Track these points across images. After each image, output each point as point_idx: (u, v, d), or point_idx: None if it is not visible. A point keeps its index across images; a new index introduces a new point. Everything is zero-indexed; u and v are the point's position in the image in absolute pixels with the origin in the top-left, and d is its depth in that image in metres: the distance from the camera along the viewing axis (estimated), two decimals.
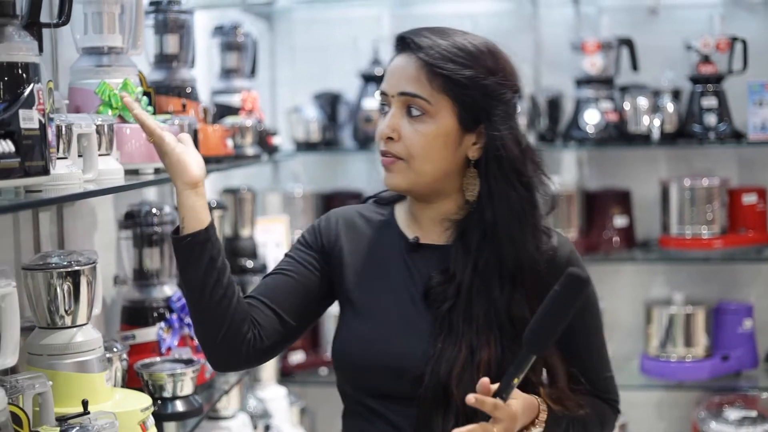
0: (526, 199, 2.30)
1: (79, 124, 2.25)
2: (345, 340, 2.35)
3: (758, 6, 5.07)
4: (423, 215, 2.37)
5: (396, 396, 2.26)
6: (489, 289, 2.27)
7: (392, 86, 2.29)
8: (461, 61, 2.26)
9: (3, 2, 1.93)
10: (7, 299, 1.99)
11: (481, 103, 2.27)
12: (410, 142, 2.25)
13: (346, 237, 2.39)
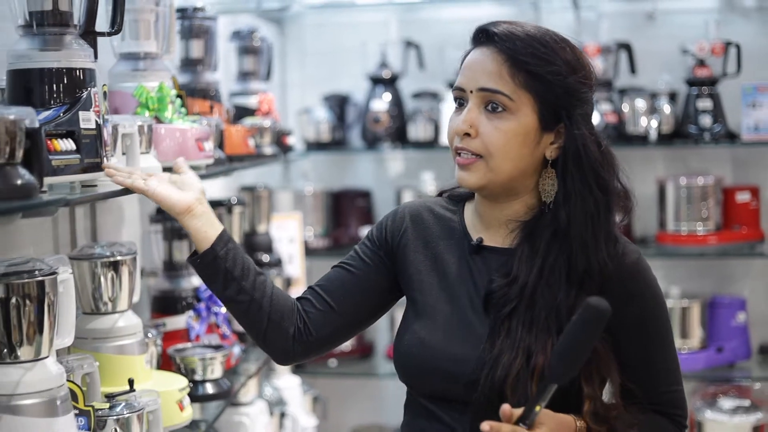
0: (602, 203, 2.21)
1: (123, 124, 2.41)
2: (404, 341, 2.30)
3: (752, 12, 5.18)
4: (490, 215, 2.30)
5: (451, 399, 2.22)
6: (553, 294, 2.19)
7: (471, 81, 2.21)
8: (545, 57, 2.18)
9: (63, 13, 2.12)
10: (66, 284, 2.16)
11: (563, 100, 2.19)
12: (489, 139, 2.18)
13: (413, 233, 2.35)
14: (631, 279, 2.23)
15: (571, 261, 2.19)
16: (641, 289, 2.25)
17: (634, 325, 2.21)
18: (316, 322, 2.33)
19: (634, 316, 2.22)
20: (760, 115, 4.81)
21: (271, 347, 2.35)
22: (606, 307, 1.96)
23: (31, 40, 2.11)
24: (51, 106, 2.06)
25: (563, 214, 2.19)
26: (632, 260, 2.24)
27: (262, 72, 4.20)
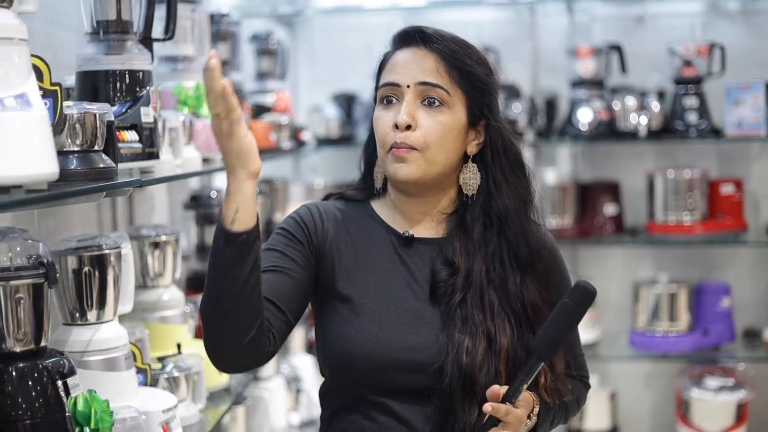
0: (529, 189, 2.30)
1: (170, 119, 2.70)
2: (351, 337, 2.19)
3: (735, 15, 5.35)
4: (413, 210, 2.30)
5: (408, 391, 2.17)
6: (501, 278, 2.23)
7: (409, 77, 2.21)
8: (472, 57, 2.24)
9: (125, 22, 2.42)
10: (127, 258, 2.47)
11: (486, 98, 2.26)
12: (428, 132, 2.19)
13: (334, 232, 2.28)
14: (553, 258, 2.33)
15: (514, 247, 2.24)
16: (560, 267, 2.37)
17: (558, 299, 2.20)
18: (277, 330, 2.15)
19: (558, 290, 2.26)
20: (743, 112, 4.92)
21: (245, 352, 2.08)
22: (593, 289, 2.09)
23: (97, 46, 2.41)
24: (115, 102, 2.35)
25: (497, 204, 2.25)
26: (550, 240, 2.35)
27: (278, 72, 4.46)
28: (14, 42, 1.73)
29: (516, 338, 2.19)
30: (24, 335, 1.84)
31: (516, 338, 2.19)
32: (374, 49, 5.23)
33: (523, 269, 2.25)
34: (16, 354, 1.84)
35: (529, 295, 2.23)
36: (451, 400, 2.14)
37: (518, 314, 2.22)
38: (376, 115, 2.27)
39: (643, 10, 5.39)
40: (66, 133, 1.96)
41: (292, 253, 2.22)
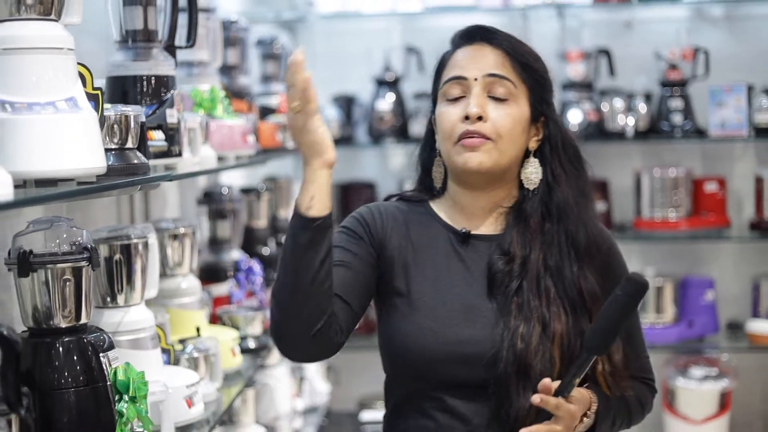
0: (588, 183, 2.34)
1: (189, 120, 2.90)
2: (408, 333, 2.25)
3: (719, 21, 5.50)
4: (474, 205, 2.33)
5: (464, 384, 2.21)
6: (558, 266, 2.24)
7: (477, 70, 2.26)
8: (533, 54, 2.31)
9: (151, 31, 2.63)
10: (153, 248, 2.68)
11: (546, 94, 2.32)
12: (499, 122, 2.23)
13: (393, 230, 2.32)
14: (612, 253, 2.34)
15: (573, 239, 2.26)
16: (619, 261, 2.37)
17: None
18: (343, 322, 2.21)
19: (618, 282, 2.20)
20: (726, 113, 5.10)
21: (314, 342, 2.15)
22: (645, 281, 2.08)
23: (125, 53, 2.63)
24: (142, 105, 2.56)
25: (557, 196, 2.27)
26: (609, 235, 2.37)
27: (282, 75, 4.64)
28: (63, 51, 1.96)
29: (571, 325, 2.21)
30: (69, 313, 2.05)
31: (571, 325, 2.21)
32: (373, 53, 5.53)
33: (581, 259, 2.26)
34: (62, 329, 2.05)
35: (586, 284, 2.24)
36: (507, 386, 2.17)
37: (574, 302, 2.23)
38: (441, 110, 2.30)
39: (631, 16, 5.53)
40: (105, 132, 2.17)
41: (354, 249, 2.28)
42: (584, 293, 2.23)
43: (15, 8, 1.92)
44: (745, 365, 5.37)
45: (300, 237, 2.10)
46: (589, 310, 2.23)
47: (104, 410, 2.05)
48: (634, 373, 2.33)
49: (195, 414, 2.60)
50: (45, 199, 1.82)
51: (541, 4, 5.38)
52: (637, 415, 2.39)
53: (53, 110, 1.87)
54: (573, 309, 2.23)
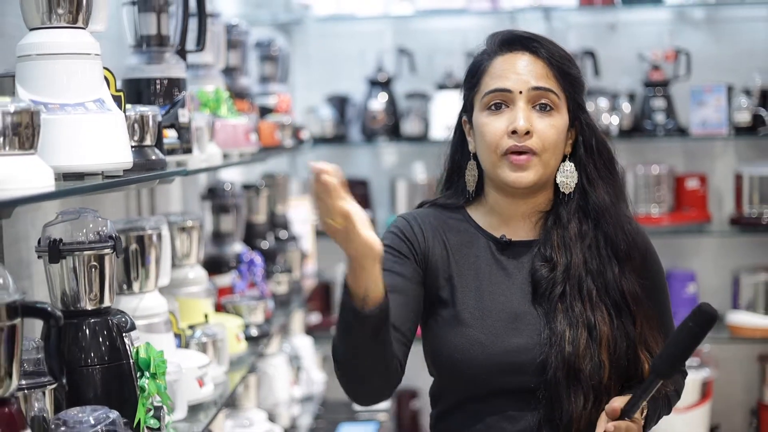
0: (622, 185, 2.36)
1: (196, 119, 3.08)
2: (455, 344, 2.26)
3: (700, 23, 5.67)
4: (513, 211, 2.34)
5: (514, 390, 2.23)
6: (600, 269, 2.25)
7: (521, 83, 2.25)
8: (570, 61, 2.30)
9: (163, 36, 2.81)
10: (165, 239, 2.86)
11: (581, 99, 2.32)
12: (545, 135, 2.24)
13: (434, 240, 2.33)
14: (650, 253, 2.36)
15: (612, 241, 2.27)
16: (657, 262, 2.40)
17: (654, 294, 2.31)
18: (402, 354, 2.24)
19: (653, 287, 2.32)
20: (707, 112, 5.27)
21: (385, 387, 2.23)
22: (716, 313, 2.04)
23: (140, 56, 2.81)
24: (156, 105, 2.74)
25: (593, 199, 2.28)
26: (645, 234, 2.39)
27: (279, 76, 4.81)
28: (91, 57, 2.14)
29: (616, 327, 2.22)
30: (95, 296, 2.23)
31: (616, 327, 2.22)
32: (366, 54, 5.71)
33: (621, 260, 2.27)
34: (88, 312, 2.23)
35: (628, 285, 2.25)
36: (557, 390, 2.19)
37: (617, 304, 2.24)
38: (484, 121, 2.29)
39: (615, 19, 5.68)
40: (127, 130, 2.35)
41: (402, 271, 2.27)
42: (626, 295, 2.25)
43: (47, 17, 2.11)
44: (725, 356, 5.53)
45: (358, 330, 2.08)
46: (632, 311, 2.25)
47: (127, 386, 2.23)
48: None
49: (205, 393, 2.79)
50: (83, 190, 1.99)
51: (528, 7, 5.53)
52: (674, 401, 2.43)
53: (83, 110, 2.06)
54: (617, 311, 2.24)
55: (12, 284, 1.70)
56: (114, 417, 1.98)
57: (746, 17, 5.64)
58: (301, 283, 4.74)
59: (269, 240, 4.39)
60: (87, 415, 1.96)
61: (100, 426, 1.94)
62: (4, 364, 1.68)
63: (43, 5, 2.11)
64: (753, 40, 5.60)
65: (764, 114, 5.28)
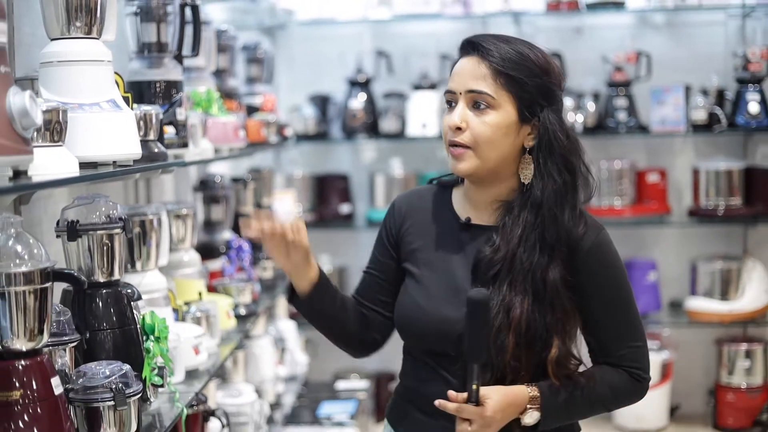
0: (569, 183, 2.41)
1: (191, 117, 3.40)
2: (404, 305, 2.55)
3: (661, 27, 5.94)
4: (478, 198, 2.52)
5: (442, 353, 2.46)
6: (530, 258, 2.40)
7: (460, 85, 2.44)
8: (521, 62, 2.40)
9: (162, 43, 3.14)
10: (164, 224, 3.17)
11: (536, 98, 2.41)
12: (477, 132, 2.40)
13: (409, 220, 2.60)
14: (595, 251, 2.43)
15: (543, 232, 2.40)
16: (603, 260, 2.46)
17: (598, 291, 2.42)
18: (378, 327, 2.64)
19: (598, 284, 2.44)
20: (666, 111, 5.57)
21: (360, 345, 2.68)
22: (479, 296, 2.30)
23: (141, 61, 3.14)
24: (156, 104, 3.07)
25: (537, 192, 2.41)
26: (593, 236, 2.44)
27: (264, 77, 5.09)
28: (104, 63, 2.48)
29: (531, 311, 2.37)
30: (106, 270, 2.56)
31: (531, 311, 2.37)
32: (346, 56, 6.00)
33: (551, 252, 2.40)
34: (100, 283, 2.56)
35: (552, 276, 2.39)
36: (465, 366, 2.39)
37: (538, 291, 2.39)
38: (444, 117, 2.52)
39: (581, 23, 5.94)
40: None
41: (383, 255, 2.64)
42: (547, 285, 2.38)
43: (66, 29, 2.45)
44: (684, 339, 5.83)
45: (302, 310, 2.62)
46: (551, 301, 2.39)
47: (135, 347, 2.56)
48: (614, 362, 2.48)
49: (200, 360, 3.12)
50: (100, 176, 2.33)
51: (498, 12, 5.78)
52: (612, 401, 2.53)
53: (99, 109, 2.40)
54: (537, 298, 2.39)
55: (44, 254, 2.05)
56: (126, 370, 2.32)
57: (703, 22, 5.87)
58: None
59: None
60: (103, 367, 2.30)
61: (114, 376, 2.28)
62: (37, 320, 2.02)
63: (63, 18, 2.44)
64: (710, 43, 5.86)
65: (720, 113, 5.54)
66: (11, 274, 1.98)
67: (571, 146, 2.45)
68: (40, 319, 2.04)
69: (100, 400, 2.26)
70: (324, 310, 2.58)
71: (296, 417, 5.10)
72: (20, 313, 2.00)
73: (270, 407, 4.59)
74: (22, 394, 1.99)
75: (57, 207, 2.79)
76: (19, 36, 2.75)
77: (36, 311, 2.02)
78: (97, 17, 2.48)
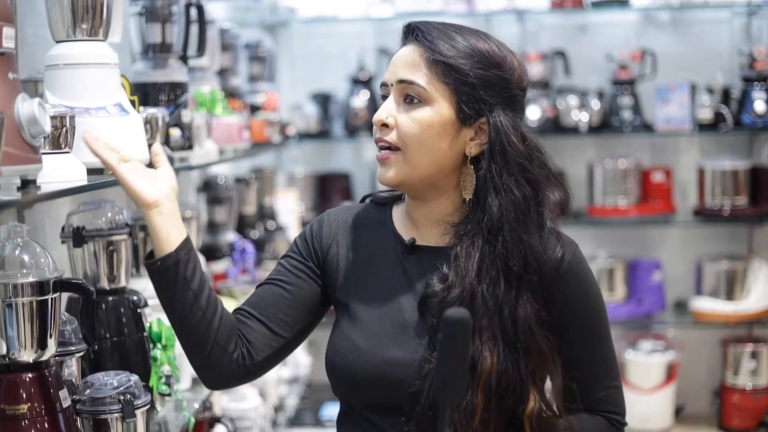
0: (531, 197, 2.05)
1: (196, 118, 3.36)
2: (338, 347, 2.13)
3: (666, 25, 5.86)
4: (419, 215, 2.16)
5: (391, 407, 2.05)
6: (494, 295, 2.02)
7: (392, 74, 2.11)
8: (464, 50, 2.05)
9: (167, 44, 3.08)
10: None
11: (482, 93, 2.05)
12: (405, 129, 2.05)
13: (341, 240, 2.20)
14: (568, 276, 2.09)
15: (507, 260, 2.03)
16: (579, 285, 2.12)
17: (576, 321, 2.09)
18: (256, 345, 2.13)
19: (575, 312, 2.10)
20: (671, 109, 5.48)
21: (210, 369, 2.11)
22: (457, 317, 1.77)
23: (146, 62, 3.08)
24: (161, 106, 3.02)
25: (495, 211, 2.04)
26: (569, 257, 2.10)
27: (266, 75, 5.06)
28: (110, 66, 2.43)
29: (502, 361, 2.01)
30: (113, 276, 2.52)
31: (502, 361, 2.01)
32: (348, 54, 5.95)
33: (518, 285, 2.04)
34: (107, 290, 2.52)
35: (522, 313, 2.03)
36: (423, 420, 2.02)
37: (508, 334, 2.03)
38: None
39: (585, 20, 5.86)
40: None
41: (292, 265, 2.19)
42: (518, 324, 2.03)
43: (71, 31, 2.40)
44: (689, 339, 5.76)
45: (152, 280, 2.08)
46: (523, 343, 2.03)
47: (142, 356, 2.52)
48: (591, 406, 2.16)
49: None
50: (110, 183, 2.26)
51: (502, 10, 5.72)
52: None
53: (105, 114, 2.35)
54: (507, 343, 2.03)
55: (52, 263, 2.00)
56: (134, 380, 2.28)
57: (709, 19, 5.81)
58: None
59: (258, 230, 4.64)
60: (111, 378, 2.26)
61: (122, 387, 2.23)
62: (45, 331, 1.98)
63: (68, 20, 2.39)
64: (715, 41, 5.79)
65: (725, 111, 5.47)
66: (18, 284, 1.94)
67: (529, 153, 2.07)
68: (48, 330, 2.00)
69: (108, 412, 2.22)
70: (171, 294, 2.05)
71: (299, 419, 5.06)
72: (27, 323, 1.96)
73: (273, 410, 4.54)
74: (30, 407, 1.95)
75: (60, 211, 2.75)
76: (22, 36, 2.70)
77: (43, 322, 1.97)
78: (103, 19, 2.43)
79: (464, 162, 2.10)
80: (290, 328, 2.16)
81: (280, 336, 2.15)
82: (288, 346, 2.20)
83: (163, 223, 2.03)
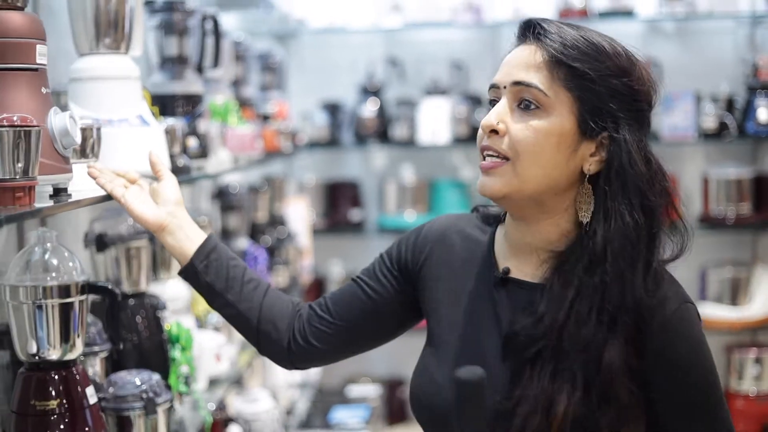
0: (644, 228, 1.83)
1: (211, 128, 3.46)
2: (416, 375, 2.02)
3: (671, 35, 5.97)
4: (520, 240, 1.94)
5: None
6: (583, 333, 1.81)
7: (506, 75, 1.88)
8: (591, 53, 1.84)
9: (184, 57, 3.19)
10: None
11: (608, 105, 1.83)
12: (518, 137, 1.83)
13: (436, 258, 2.05)
14: (668, 331, 1.84)
15: (603, 295, 1.81)
16: (679, 347, 1.86)
17: (666, 388, 1.84)
18: (317, 333, 2.12)
19: (667, 378, 1.85)
20: (676, 118, 5.58)
21: (268, 354, 2.22)
22: (468, 378, 1.64)
23: (164, 74, 3.18)
24: (178, 116, 3.12)
25: (599, 237, 1.82)
26: (673, 307, 1.85)
27: (277, 85, 5.17)
28: (132, 79, 2.53)
29: (578, 406, 1.81)
30: (134, 281, 2.62)
31: (578, 406, 1.81)
32: (357, 64, 6.06)
33: (610, 326, 1.82)
34: (128, 294, 2.62)
35: (609, 357, 1.81)
36: None
37: (591, 379, 1.81)
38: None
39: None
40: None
41: (381, 271, 2.11)
42: (603, 369, 1.81)
43: (95, 45, 2.50)
44: None
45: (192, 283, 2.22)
46: (605, 390, 1.81)
47: (162, 357, 2.62)
48: None
49: (222, 369, 3.18)
50: None
51: (509, 21, 5.78)
52: None
53: (128, 125, 2.45)
54: (587, 387, 1.82)
55: (80, 267, 2.10)
56: (156, 379, 2.38)
57: (713, 29, 5.91)
58: (299, 278, 5.07)
59: (271, 236, 4.73)
60: (134, 377, 2.36)
61: (144, 385, 2.34)
62: (73, 331, 2.08)
63: (92, 34, 2.49)
64: (719, 51, 5.90)
65: (729, 120, 5.56)
66: (48, 287, 2.04)
67: (652, 178, 1.87)
68: (76, 330, 2.09)
69: (131, 409, 2.31)
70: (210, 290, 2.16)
71: (309, 423, 5.15)
72: (56, 324, 2.05)
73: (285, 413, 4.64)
74: (59, 403, 2.04)
75: (80, 217, 2.84)
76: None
77: (71, 323, 2.07)
78: (125, 33, 2.53)
79: (579, 180, 1.88)
80: (359, 330, 2.12)
81: (346, 333, 2.12)
82: (357, 344, 2.17)
83: (174, 240, 2.15)
